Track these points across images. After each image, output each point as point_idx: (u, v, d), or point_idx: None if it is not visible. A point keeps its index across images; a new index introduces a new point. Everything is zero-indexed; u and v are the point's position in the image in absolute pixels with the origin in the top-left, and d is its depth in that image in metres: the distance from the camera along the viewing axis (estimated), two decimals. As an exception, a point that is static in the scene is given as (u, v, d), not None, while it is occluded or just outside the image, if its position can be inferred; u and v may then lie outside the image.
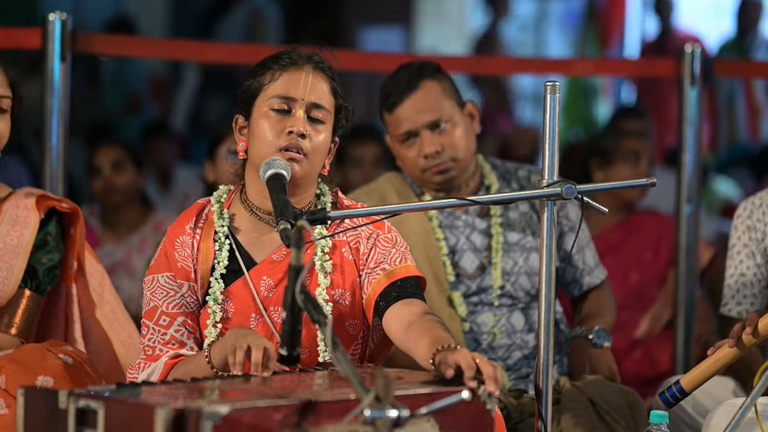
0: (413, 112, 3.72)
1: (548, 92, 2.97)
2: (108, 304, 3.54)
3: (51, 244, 3.37)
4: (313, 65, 3.08)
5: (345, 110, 3.14)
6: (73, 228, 3.44)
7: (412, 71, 3.76)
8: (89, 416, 2.44)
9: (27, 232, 3.33)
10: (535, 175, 3.85)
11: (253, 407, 2.39)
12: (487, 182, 3.82)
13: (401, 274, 3.04)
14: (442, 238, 3.76)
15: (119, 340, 3.52)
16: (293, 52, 3.10)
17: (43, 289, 3.37)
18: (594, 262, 3.90)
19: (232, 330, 2.93)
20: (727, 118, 8.88)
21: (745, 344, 3.16)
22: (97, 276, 3.55)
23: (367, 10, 11.08)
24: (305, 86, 3.04)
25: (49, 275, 3.37)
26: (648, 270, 5.15)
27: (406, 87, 3.73)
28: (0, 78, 3.34)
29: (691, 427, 3.54)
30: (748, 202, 3.76)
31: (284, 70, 3.05)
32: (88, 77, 8.84)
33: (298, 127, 3.00)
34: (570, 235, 3.80)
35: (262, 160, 3.00)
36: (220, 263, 3.06)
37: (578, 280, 3.88)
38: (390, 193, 3.79)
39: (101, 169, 5.61)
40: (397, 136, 3.76)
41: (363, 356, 3.11)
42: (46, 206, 3.38)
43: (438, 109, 3.72)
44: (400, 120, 3.74)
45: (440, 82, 3.76)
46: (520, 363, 3.71)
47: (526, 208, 3.82)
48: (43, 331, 3.45)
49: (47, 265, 3.36)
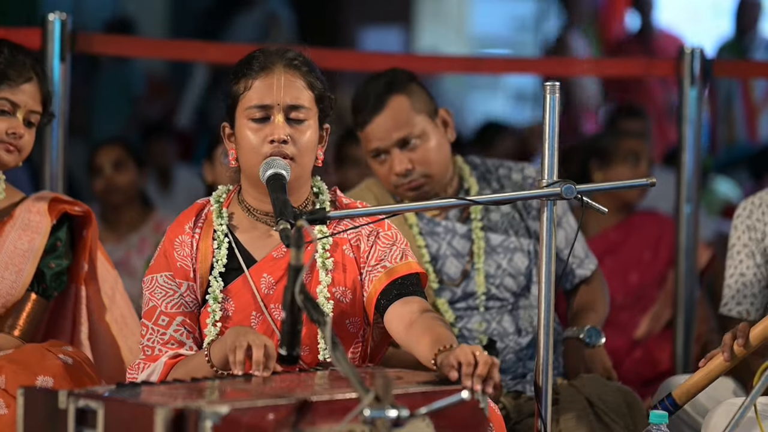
0: (382, 131, 3.68)
1: (548, 92, 2.97)
2: (119, 309, 3.54)
3: (60, 249, 3.38)
4: (284, 64, 3.04)
5: (327, 99, 3.10)
6: (85, 230, 3.45)
7: (380, 87, 3.70)
8: (89, 416, 2.44)
9: (38, 237, 3.34)
10: (516, 172, 3.82)
11: (252, 407, 2.39)
12: (467, 185, 3.79)
13: (402, 271, 3.04)
14: (423, 246, 3.73)
15: (127, 345, 3.52)
16: (262, 54, 3.06)
17: (49, 293, 3.37)
18: (584, 253, 3.88)
19: (231, 329, 2.93)
20: (726, 118, 8.88)
21: (737, 355, 3.18)
22: (110, 280, 3.55)
23: (367, 10, 11.08)
24: (279, 90, 3.01)
25: (56, 280, 3.37)
26: (647, 270, 5.15)
27: (374, 105, 3.69)
28: (36, 93, 3.36)
29: (691, 427, 3.54)
30: (747, 202, 3.76)
31: (256, 77, 3.03)
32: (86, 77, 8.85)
33: (278, 134, 2.99)
34: (558, 230, 3.78)
35: (250, 169, 3.01)
36: (219, 261, 3.06)
37: (569, 274, 3.86)
38: (369, 200, 3.76)
39: (102, 169, 5.61)
40: (368, 152, 3.74)
41: (364, 354, 3.11)
42: (59, 210, 3.39)
43: (407, 125, 3.67)
44: (369, 138, 3.71)
45: (410, 95, 3.70)
46: (515, 365, 3.70)
47: (508, 208, 3.79)
48: (50, 332, 3.46)
49: (55, 270, 3.37)
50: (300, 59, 3.07)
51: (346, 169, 5.80)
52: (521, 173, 3.83)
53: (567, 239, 3.82)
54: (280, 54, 3.06)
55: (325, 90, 3.09)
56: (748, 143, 8.79)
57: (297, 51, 3.09)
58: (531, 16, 12.08)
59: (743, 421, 3.00)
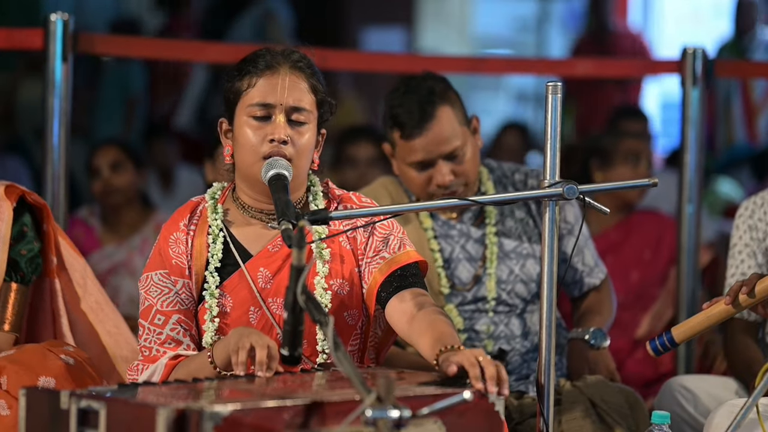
0: (431, 144, 3.63)
1: (549, 92, 2.97)
2: (92, 296, 3.54)
3: (29, 234, 3.37)
4: (290, 65, 3.04)
5: (328, 104, 3.10)
6: (45, 224, 3.44)
7: (423, 95, 3.65)
8: (91, 417, 2.44)
9: (2, 224, 3.33)
10: (532, 178, 3.81)
11: (254, 408, 2.39)
12: (483, 188, 3.78)
13: (401, 261, 3.04)
14: (437, 250, 3.71)
15: (105, 330, 3.52)
16: (268, 53, 3.06)
17: (28, 279, 3.37)
18: (593, 262, 3.87)
19: (234, 329, 2.93)
20: (725, 118, 8.88)
21: (741, 303, 3.14)
22: (79, 268, 3.54)
23: (369, 10, 11.08)
24: (283, 90, 3.01)
25: (31, 265, 3.37)
26: (648, 269, 5.16)
27: (422, 117, 3.62)
28: None
29: (693, 428, 3.54)
30: (749, 202, 3.76)
31: (261, 76, 3.02)
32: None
33: (279, 134, 2.98)
34: (569, 238, 3.77)
35: (247, 168, 3.01)
36: (214, 256, 3.06)
37: (578, 282, 3.86)
38: (384, 198, 3.76)
39: (100, 170, 5.59)
40: (409, 162, 3.67)
41: (363, 347, 3.11)
42: (16, 194, 3.37)
43: (455, 138, 3.64)
44: (415, 149, 3.64)
45: (452, 105, 3.67)
46: (520, 367, 3.70)
47: (522, 214, 3.78)
48: (32, 328, 3.45)
49: (28, 255, 3.36)
50: (305, 61, 3.07)
51: (345, 169, 5.80)
52: (537, 179, 3.80)
53: (579, 247, 3.80)
54: (286, 55, 3.06)
55: (326, 95, 3.09)
56: (747, 143, 8.79)
57: (301, 53, 3.09)
58: (533, 17, 12.08)
59: (745, 421, 3.00)
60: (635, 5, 11.44)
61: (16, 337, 3.33)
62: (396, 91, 3.71)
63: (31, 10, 9.04)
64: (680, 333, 3.16)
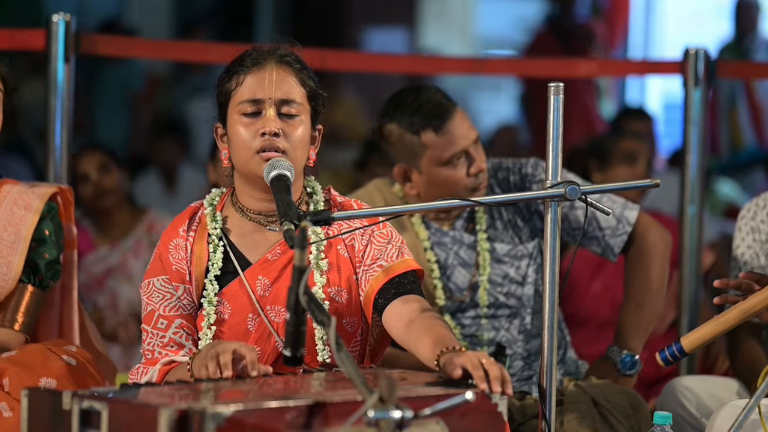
0: (464, 129, 3.60)
1: (551, 93, 2.97)
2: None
3: (50, 239, 3.37)
4: (276, 60, 3.05)
5: (320, 97, 3.10)
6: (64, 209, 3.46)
7: (431, 92, 3.63)
8: (93, 417, 2.44)
9: (24, 226, 3.33)
10: (513, 174, 3.74)
11: (256, 408, 2.39)
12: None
13: (399, 269, 3.04)
14: (433, 260, 3.69)
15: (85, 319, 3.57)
16: (255, 51, 3.07)
17: (45, 284, 3.37)
18: (613, 220, 3.68)
19: (209, 343, 2.93)
20: (729, 120, 8.87)
21: (754, 311, 3.11)
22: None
23: (371, 11, 11.09)
24: (270, 84, 3.02)
25: (50, 270, 3.37)
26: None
27: (447, 103, 3.61)
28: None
29: (695, 428, 3.54)
30: (752, 204, 3.76)
31: (248, 73, 3.03)
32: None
33: (269, 127, 2.99)
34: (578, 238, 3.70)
35: (243, 166, 3.01)
36: (214, 265, 3.06)
37: (606, 249, 3.72)
38: (378, 200, 3.74)
39: (88, 175, 5.53)
40: (445, 158, 3.60)
41: (362, 353, 3.11)
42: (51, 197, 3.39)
43: (472, 126, 3.66)
44: (453, 139, 3.60)
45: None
46: (521, 369, 3.70)
47: (510, 215, 3.74)
48: (37, 326, 3.44)
49: (48, 259, 3.37)
50: (292, 56, 3.08)
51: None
52: (518, 174, 3.77)
53: (588, 220, 3.67)
54: (272, 51, 3.07)
55: (317, 88, 3.09)
56: (756, 145, 8.78)
57: (289, 49, 3.10)
58: (535, 17, 12.09)
59: (747, 422, 3.00)
60: (637, 6, 11.43)
61: (26, 338, 3.32)
62: (403, 104, 3.65)
63: (33, 11, 9.05)
64: (689, 342, 3.11)
